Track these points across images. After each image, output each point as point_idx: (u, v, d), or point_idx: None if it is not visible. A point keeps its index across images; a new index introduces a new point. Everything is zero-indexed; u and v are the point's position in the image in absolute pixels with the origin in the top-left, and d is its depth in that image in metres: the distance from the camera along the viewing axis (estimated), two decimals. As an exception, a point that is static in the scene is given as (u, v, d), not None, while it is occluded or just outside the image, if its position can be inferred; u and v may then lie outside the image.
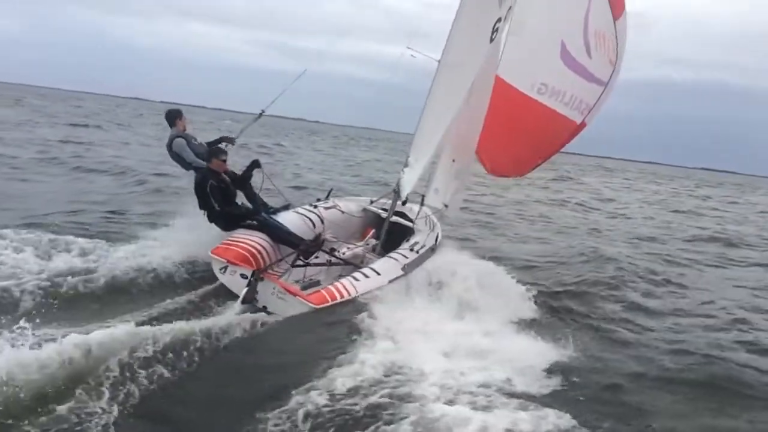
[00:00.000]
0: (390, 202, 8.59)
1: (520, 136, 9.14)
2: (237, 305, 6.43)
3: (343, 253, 7.89)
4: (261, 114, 8.97)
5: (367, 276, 7.02)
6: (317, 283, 7.11)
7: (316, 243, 7.69)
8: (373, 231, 8.70)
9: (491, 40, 7.68)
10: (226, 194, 7.50)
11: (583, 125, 9.35)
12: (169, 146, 8.33)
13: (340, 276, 7.12)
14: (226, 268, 6.85)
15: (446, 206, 9.13)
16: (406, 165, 8.13)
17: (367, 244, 8.43)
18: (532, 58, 8.65)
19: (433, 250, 8.32)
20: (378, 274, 7.13)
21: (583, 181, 41.66)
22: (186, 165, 8.26)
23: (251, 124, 9.10)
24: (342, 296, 6.55)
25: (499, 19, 7.65)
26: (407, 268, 7.46)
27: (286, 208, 8.59)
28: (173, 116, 8.43)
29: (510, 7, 7.77)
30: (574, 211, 21.12)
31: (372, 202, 9.61)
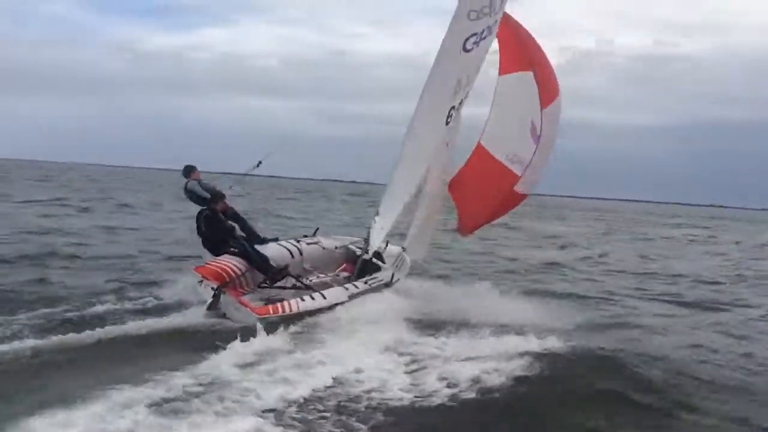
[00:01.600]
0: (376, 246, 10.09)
1: (489, 197, 10.08)
2: (203, 311, 8.24)
3: (310, 281, 9.45)
4: (259, 163, 10.47)
5: (313, 298, 8.54)
6: (279, 300, 8.44)
7: (280, 272, 9.24)
8: (345, 265, 10.36)
9: (447, 123, 9.30)
10: (215, 224, 9.27)
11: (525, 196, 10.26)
12: (185, 189, 10.30)
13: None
14: (201, 282, 8.53)
15: (404, 249, 10.47)
16: (376, 214, 9.74)
17: (337, 275, 10.01)
18: (508, 132, 9.78)
19: (387, 285, 9.72)
20: (324, 298, 8.60)
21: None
22: (200, 201, 9.92)
23: (249, 173, 10.57)
24: (284, 311, 8.02)
25: (453, 107, 9.20)
26: (353, 297, 8.88)
27: (275, 239, 10.34)
28: (188, 170, 10.37)
29: (461, 101, 9.33)
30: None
31: (336, 247, 10.92)
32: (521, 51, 9.59)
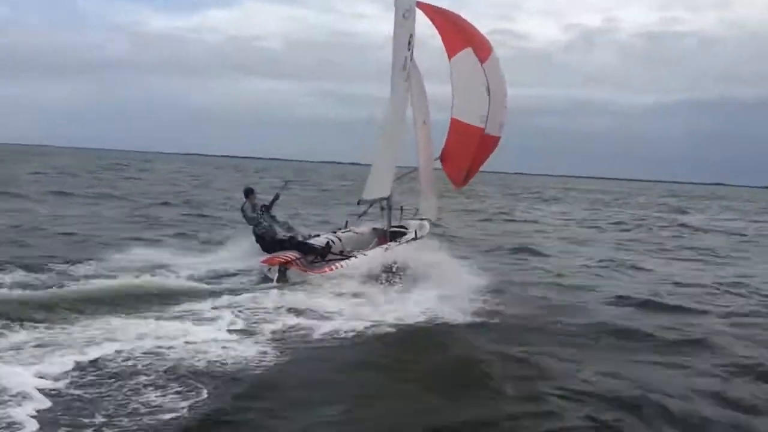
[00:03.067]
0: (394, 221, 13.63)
1: (467, 148, 12.66)
2: (274, 283, 10.84)
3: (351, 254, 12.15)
4: (286, 184, 14.12)
5: (357, 257, 11.51)
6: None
7: (323, 249, 11.97)
8: (377, 240, 13.18)
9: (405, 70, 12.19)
10: (267, 233, 12.02)
11: (498, 138, 12.90)
12: (241, 209, 12.47)
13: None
14: (269, 269, 11.20)
15: (421, 219, 13.88)
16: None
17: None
18: (470, 100, 12.28)
19: (414, 239, 12.92)
20: (365, 255, 11.69)
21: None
22: (249, 220, 12.30)
23: (283, 190, 13.39)
24: (336, 269, 11.05)
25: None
26: (388, 250, 12.01)
27: (317, 235, 12.86)
28: (247, 193, 12.54)
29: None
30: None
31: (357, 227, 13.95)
32: (455, 33, 12.27)
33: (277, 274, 11.07)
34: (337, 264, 11.27)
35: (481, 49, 12.28)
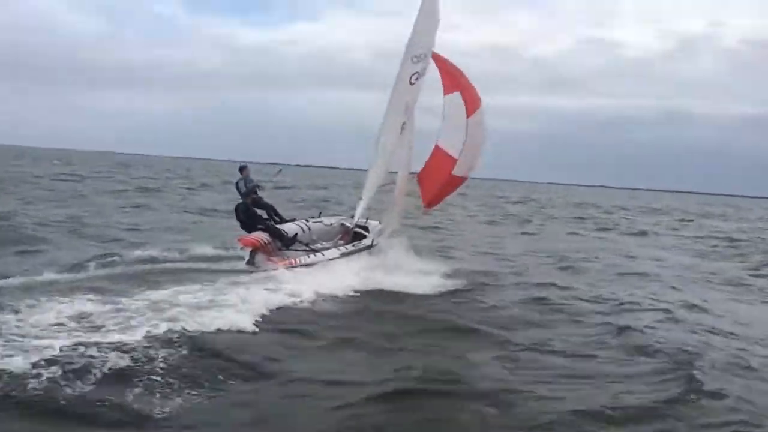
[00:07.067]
0: (358, 219, 14.57)
1: (437, 180, 14.29)
2: (244, 265, 12.10)
3: (317, 246, 13.30)
4: (279, 171, 16.03)
5: (315, 255, 12.56)
6: (294, 257, 12.51)
7: (291, 240, 12.90)
8: (341, 236, 14.25)
9: (400, 132, 13.43)
10: (247, 212, 13.36)
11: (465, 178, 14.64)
12: (236, 184, 14.25)
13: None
14: (242, 248, 12.44)
15: (380, 222, 14.58)
16: (360, 199, 14.28)
17: (337, 244, 13.69)
18: (452, 133, 13.95)
19: (368, 247, 13.78)
20: (323, 255, 12.65)
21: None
22: (240, 194, 13.75)
23: (275, 177, 15.89)
24: (296, 264, 12.06)
25: (404, 123, 13.26)
26: (344, 255, 13.01)
27: (292, 220, 14.12)
28: (240, 169, 14.51)
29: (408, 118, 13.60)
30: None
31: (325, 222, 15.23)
32: (450, 78, 13.98)
33: (248, 256, 12.14)
34: (294, 259, 12.28)
35: (470, 102, 13.73)
